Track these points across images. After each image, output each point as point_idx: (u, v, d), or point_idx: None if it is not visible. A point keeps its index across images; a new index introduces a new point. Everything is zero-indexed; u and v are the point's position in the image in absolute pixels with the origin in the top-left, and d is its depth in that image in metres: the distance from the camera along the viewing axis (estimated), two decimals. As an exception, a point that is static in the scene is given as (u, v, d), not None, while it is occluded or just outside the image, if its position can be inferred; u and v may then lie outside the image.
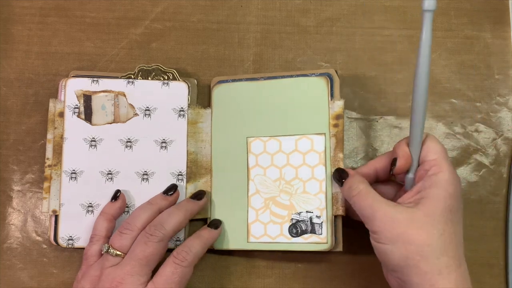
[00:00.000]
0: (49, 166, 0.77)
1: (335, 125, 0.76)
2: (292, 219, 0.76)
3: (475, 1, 0.87)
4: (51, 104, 0.78)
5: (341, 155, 0.75)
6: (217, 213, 0.78)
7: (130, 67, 0.82)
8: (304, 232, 0.75)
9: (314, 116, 0.77)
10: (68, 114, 0.77)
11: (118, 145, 0.77)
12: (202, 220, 0.79)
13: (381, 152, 0.83)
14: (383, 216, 0.64)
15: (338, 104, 0.76)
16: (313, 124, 0.77)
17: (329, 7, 0.86)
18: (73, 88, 0.78)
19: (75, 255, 0.78)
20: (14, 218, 0.79)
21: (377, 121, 0.84)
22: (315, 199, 0.75)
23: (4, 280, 0.78)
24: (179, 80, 0.80)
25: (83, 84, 0.78)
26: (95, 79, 0.78)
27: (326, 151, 0.76)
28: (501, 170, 0.83)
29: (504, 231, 0.81)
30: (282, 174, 0.77)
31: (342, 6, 0.86)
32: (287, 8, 0.86)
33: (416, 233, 0.63)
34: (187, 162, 0.79)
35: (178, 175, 0.78)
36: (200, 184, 0.79)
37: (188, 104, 0.79)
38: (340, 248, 0.74)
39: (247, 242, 0.77)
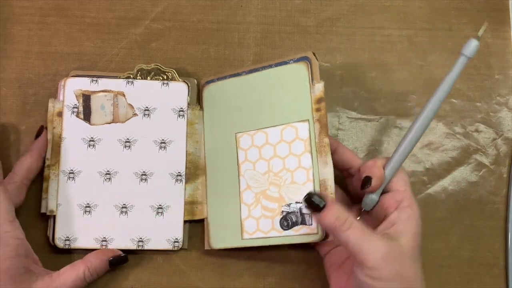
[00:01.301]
0: (48, 166, 0.77)
1: (318, 109, 0.74)
2: (282, 211, 0.74)
3: (475, 1, 0.87)
4: (50, 104, 0.78)
5: (326, 140, 0.73)
6: (213, 213, 0.78)
7: (130, 67, 0.82)
8: (294, 224, 0.73)
9: (296, 103, 0.76)
10: (66, 113, 0.77)
11: (117, 145, 0.77)
12: (200, 221, 0.79)
13: (381, 152, 0.83)
14: (381, 252, 0.63)
15: (319, 87, 0.74)
16: (296, 112, 0.75)
17: (329, 7, 0.86)
18: (72, 87, 0.78)
19: (74, 256, 0.77)
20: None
21: (377, 121, 0.84)
22: (303, 189, 0.73)
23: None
24: (178, 80, 0.80)
25: (82, 84, 0.78)
26: (94, 79, 0.78)
27: (310, 137, 0.74)
28: (501, 170, 0.83)
29: (504, 231, 0.81)
30: (270, 167, 0.76)
31: (342, 6, 0.86)
32: (287, 8, 0.86)
33: (408, 269, 0.64)
34: (186, 163, 0.79)
35: (177, 175, 0.78)
36: (198, 185, 0.79)
37: (188, 104, 0.79)
38: (332, 237, 0.71)
39: (242, 239, 0.76)
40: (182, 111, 0.79)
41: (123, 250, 0.76)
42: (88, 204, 0.76)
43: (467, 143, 0.83)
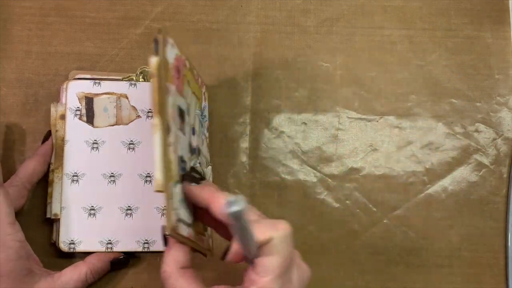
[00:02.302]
0: (52, 170, 0.77)
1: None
2: None
3: (475, 1, 0.87)
4: (52, 109, 0.78)
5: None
6: None
7: (130, 67, 0.82)
8: None
9: None
10: (69, 116, 0.77)
11: (120, 147, 0.77)
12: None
13: (381, 152, 0.83)
14: None
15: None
16: None
17: (329, 7, 0.86)
18: (74, 90, 0.77)
19: (78, 260, 0.77)
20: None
21: (377, 121, 0.84)
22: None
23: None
24: (180, 81, 0.80)
25: (85, 86, 0.78)
26: (97, 81, 0.78)
27: None
28: (501, 170, 0.83)
29: (504, 231, 0.82)
30: None
31: (342, 6, 0.87)
32: (287, 8, 0.86)
33: None
34: (190, 164, 0.79)
35: None
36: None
37: (190, 105, 0.79)
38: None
39: None
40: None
41: (128, 253, 0.76)
42: (92, 206, 0.76)
43: (467, 143, 0.84)
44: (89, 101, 0.77)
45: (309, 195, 0.82)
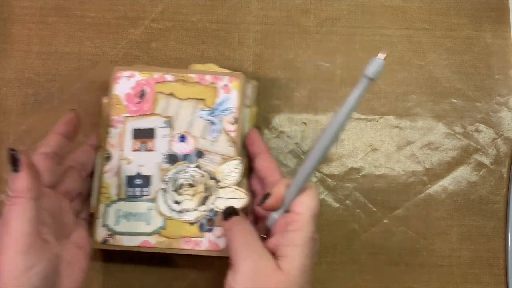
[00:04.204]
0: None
1: None
2: None
3: (475, 1, 0.87)
4: (105, 101, 0.76)
5: None
6: None
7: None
8: None
9: None
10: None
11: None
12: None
13: (381, 151, 0.83)
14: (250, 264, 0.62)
15: None
16: None
17: (329, 7, 0.86)
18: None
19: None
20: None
21: (377, 121, 0.84)
22: None
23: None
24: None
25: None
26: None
27: None
28: (501, 170, 0.83)
29: (504, 231, 0.82)
30: None
31: (342, 6, 0.87)
32: (287, 8, 0.86)
33: None
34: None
35: None
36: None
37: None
38: None
39: None
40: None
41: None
42: None
43: (467, 143, 0.84)
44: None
45: (309, 195, 0.82)
